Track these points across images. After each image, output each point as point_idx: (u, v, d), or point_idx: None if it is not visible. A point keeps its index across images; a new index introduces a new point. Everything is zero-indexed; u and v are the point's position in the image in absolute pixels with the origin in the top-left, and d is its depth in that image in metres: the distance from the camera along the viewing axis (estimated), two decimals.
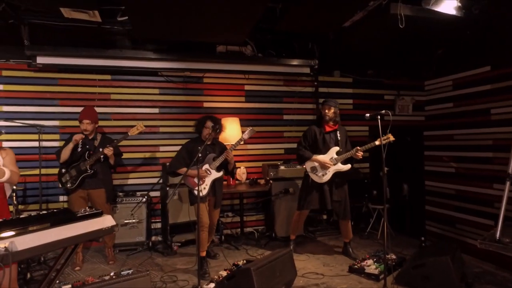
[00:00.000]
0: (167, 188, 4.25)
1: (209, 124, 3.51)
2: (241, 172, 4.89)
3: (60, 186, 3.65)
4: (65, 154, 3.56)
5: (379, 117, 3.08)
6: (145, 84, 4.72)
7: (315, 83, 5.32)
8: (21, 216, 1.82)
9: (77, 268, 3.62)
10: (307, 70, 4.92)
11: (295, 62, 4.78)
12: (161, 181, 4.57)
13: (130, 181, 4.64)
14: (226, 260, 3.79)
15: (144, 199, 4.27)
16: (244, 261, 3.52)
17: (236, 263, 3.51)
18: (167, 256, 4.04)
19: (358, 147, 3.63)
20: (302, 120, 5.29)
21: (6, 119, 3.83)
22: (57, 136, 4.32)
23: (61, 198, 4.33)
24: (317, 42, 4.84)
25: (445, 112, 5.18)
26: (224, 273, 3.29)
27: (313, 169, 3.83)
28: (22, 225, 1.69)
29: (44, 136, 4.00)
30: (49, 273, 2.10)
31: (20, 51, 4.02)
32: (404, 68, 5.40)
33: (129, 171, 4.63)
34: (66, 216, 1.89)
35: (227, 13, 3.37)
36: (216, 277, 3.25)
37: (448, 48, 4.52)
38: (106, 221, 2.07)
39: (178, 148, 4.62)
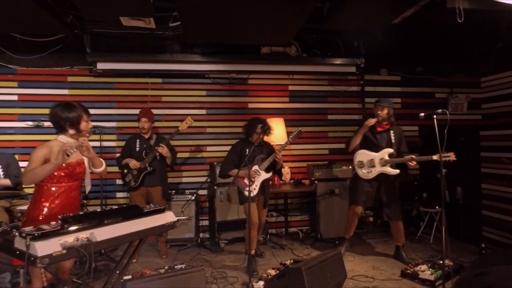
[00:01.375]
0: (215, 187, 4.38)
1: (259, 128, 3.56)
2: (285, 172, 4.91)
3: (124, 185, 3.90)
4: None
5: (435, 116, 2.94)
6: (193, 86, 4.90)
7: (361, 82, 5.21)
8: (97, 210, 1.98)
9: (134, 260, 3.86)
10: (352, 69, 4.84)
11: (340, 61, 4.72)
12: (208, 180, 4.72)
13: (179, 180, 4.84)
14: (272, 259, 3.84)
15: (193, 197, 4.44)
16: (292, 261, 3.54)
17: (283, 262, 3.54)
18: (215, 253, 4.17)
19: (413, 156, 3.51)
20: (347, 120, 5.21)
21: None
22: (114, 137, 4.63)
23: (118, 194, 4.64)
24: (363, 40, 4.74)
25: (504, 111, 4.83)
26: (272, 272, 3.33)
27: (360, 163, 3.77)
28: (99, 218, 1.84)
29: (103, 137, 4.29)
30: (118, 265, 2.25)
31: (82, 58, 4.37)
32: (458, 64, 5.12)
33: (178, 170, 4.84)
34: (135, 211, 2.03)
35: (277, 15, 3.41)
36: (264, 275, 3.30)
37: (508, 42, 4.22)
38: (168, 217, 2.20)
39: (224, 148, 4.80)
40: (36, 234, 1.55)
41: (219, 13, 3.39)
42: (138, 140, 3.95)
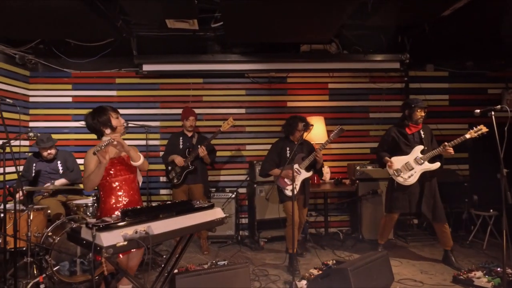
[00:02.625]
0: (255, 185, 4.42)
1: (301, 126, 3.53)
2: (325, 171, 4.82)
3: (168, 181, 4.05)
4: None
5: (493, 113, 2.75)
6: (233, 86, 4.97)
7: (405, 79, 5.00)
8: (152, 205, 2.07)
9: (206, 252, 4.07)
10: (396, 65, 4.66)
11: (383, 57, 4.57)
12: (248, 178, 4.77)
13: (219, 178, 4.94)
14: (313, 259, 3.80)
15: (233, 195, 4.51)
16: (334, 261, 3.48)
17: (325, 262, 3.49)
18: (255, 251, 4.20)
19: (446, 143, 3.33)
20: (389, 118, 5.02)
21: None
22: (157, 136, 4.82)
23: (162, 191, 4.82)
24: (408, 35, 4.55)
25: None
26: (314, 272, 3.29)
27: (397, 171, 3.61)
28: (154, 213, 1.92)
29: (148, 136, 4.47)
30: (169, 259, 2.33)
31: (129, 60, 4.60)
32: None
33: (218, 168, 4.94)
34: (187, 207, 2.10)
35: (319, 13, 3.37)
36: (307, 274, 3.27)
37: None
38: (217, 213, 2.25)
39: (263, 146, 4.83)
40: (101, 226, 1.64)
41: (261, 12, 3.41)
42: (181, 138, 4.07)
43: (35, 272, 3.01)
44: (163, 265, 3.58)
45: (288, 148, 3.62)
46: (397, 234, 4.51)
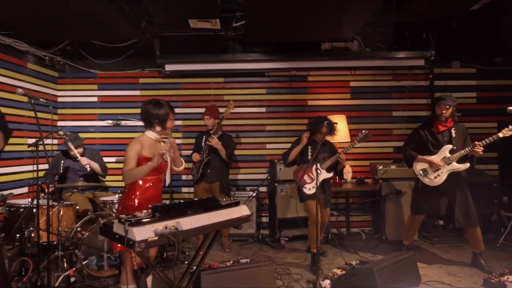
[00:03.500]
0: (275, 184, 4.41)
1: (325, 129, 3.48)
2: (346, 171, 4.77)
3: (192, 178, 4.11)
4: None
5: None
6: (253, 85, 4.99)
7: (430, 76, 4.87)
8: (180, 201, 2.10)
9: (228, 250, 4.11)
10: (421, 62, 4.55)
11: (407, 54, 4.47)
12: (268, 177, 4.77)
13: (240, 176, 4.97)
14: (336, 259, 3.77)
15: (254, 194, 4.52)
16: (357, 261, 3.43)
17: (349, 262, 3.45)
18: (276, 250, 4.20)
19: (476, 142, 3.19)
20: (413, 117, 4.91)
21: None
22: (180, 134, 4.89)
23: (183, 189, 4.89)
24: (434, 31, 4.43)
25: None
26: (338, 271, 3.25)
27: (424, 171, 3.50)
28: (183, 209, 1.95)
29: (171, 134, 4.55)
30: (195, 256, 2.36)
31: (152, 61, 4.68)
32: None
33: (239, 167, 4.96)
34: (214, 204, 2.12)
35: (343, 10, 3.33)
36: (330, 274, 3.24)
37: None
38: (243, 210, 2.26)
39: (283, 145, 4.82)
40: (133, 221, 1.68)
41: (283, 11, 3.40)
42: (204, 137, 4.12)
43: (65, 266, 3.11)
44: (186, 262, 3.67)
45: (310, 148, 3.60)
46: (422, 235, 4.40)
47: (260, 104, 4.99)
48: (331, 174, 3.62)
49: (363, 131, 3.40)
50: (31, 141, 4.11)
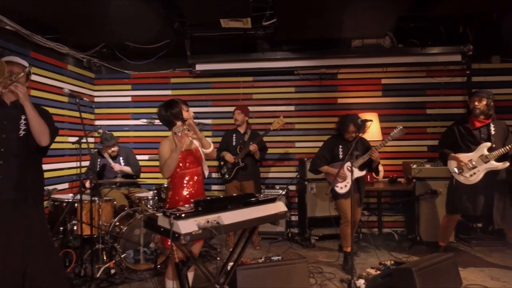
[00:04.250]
0: (305, 183, 4.39)
1: (352, 127, 3.41)
2: (378, 169, 4.67)
3: (221, 177, 4.17)
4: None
5: None
6: (282, 83, 4.99)
7: (467, 72, 4.68)
8: (221, 196, 2.14)
9: (258, 247, 4.14)
10: (457, 58, 4.38)
11: (443, 49, 4.33)
12: (298, 175, 4.75)
13: (269, 175, 4.98)
14: (368, 259, 3.70)
15: (284, 192, 4.52)
16: (392, 262, 3.36)
17: (383, 262, 3.38)
18: (306, 248, 4.18)
19: None
20: (449, 115, 4.73)
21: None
22: (210, 133, 4.97)
23: (213, 187, 4.96)
24: (472, 25, 4.25)
25: None
26: (372, 271, 3.20)
27: (459, 169, 3.37)
28: (223, 204, 1.99)
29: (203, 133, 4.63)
30: (232, 252, 2.39)
31: (183, 61, 4.80)
32: None
33: (267, 165, 4.97)
34: (252, 199, 2.14)
35: (377, 6, 3.27)
36: (364, 273, 3.19)
37: None
38: (280, 206, 2.26)
39: (312, 144, 4.80)
40: (177, 214, 1.73)
41: (315, 7, 3.38)
42: (234, 135, 4.16)
43: (104, 258, 3.25)
44: (218, 258, 3.73)
45: (340, 146, 3.54)
46: (459, 238, 4.23)
47: (289, 102, 4.98)
48: (363, 172, 3.55)
49: (398, 127, 3.30)
50: (71, 139, 4.34)
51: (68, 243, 3.31)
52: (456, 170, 3.39)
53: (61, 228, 3.34)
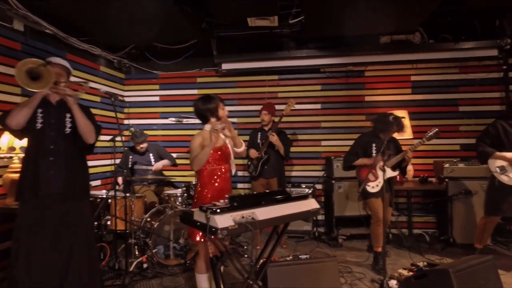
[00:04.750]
0: (332, 181, 4.34)
1: (395, 128, 3.33)
2: (408, 169, 4.54)
3: (248, 174, 4.20)
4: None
5: None
6: (308, 81, 4.95)
7: (504, 67, 4.47)
8: (254, 193, 2.15)
9: (285, 246, 4.13)
10: (494, 53, 4.22)
11: (477, 44, 4.16)
12: (325, 174, 4.70)
13: (295, 173, 4.96)
14: (399, 259, 3.62)
15: (310, 191, 4.48)
16: (425, 263, 3.26)
17: (415, 263, 3.29)
18: (333, 248, 4.13)
19: None
20: (483, 112, 4.54)
21: None
22: (235, 132, 4.97)
23: (239, 185, 5.00)
24: (509, 18, 4.06)
25: None
26: (404, 272, 3.12)
27: (501, 168, 3.21)
28: (257, 199, 2.00)
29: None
30: (263, 249, 2.39)
31: (209, 60, 4.86)
32: None
33: (293, 164, 4.95)
34: (285, 196, 2.14)
35: (408, 0, 3.19)
36: (396, 274, 3.12)
37: None
38: (312, 203, 2.25)
39: (339, 142, 4.74)
40: (214, 209, 1.76)
41: (343, 4, 3.33)
42: (259, 133, 4.17)
43: (136, 253, 3.34)
44: (246, 255, 3.75)
45: (374, 145, 3.47)
46: (496, 240, 4.05)
47: (315, 100, 4.94)
48: (396, 173, 3.48)
49: (433, 129, 3.21)
50: (103, 137, 4.48)
51: (102, 238, 3.43)
52: (498, 170, 3.24)
53: (96, 223, 3.46)
